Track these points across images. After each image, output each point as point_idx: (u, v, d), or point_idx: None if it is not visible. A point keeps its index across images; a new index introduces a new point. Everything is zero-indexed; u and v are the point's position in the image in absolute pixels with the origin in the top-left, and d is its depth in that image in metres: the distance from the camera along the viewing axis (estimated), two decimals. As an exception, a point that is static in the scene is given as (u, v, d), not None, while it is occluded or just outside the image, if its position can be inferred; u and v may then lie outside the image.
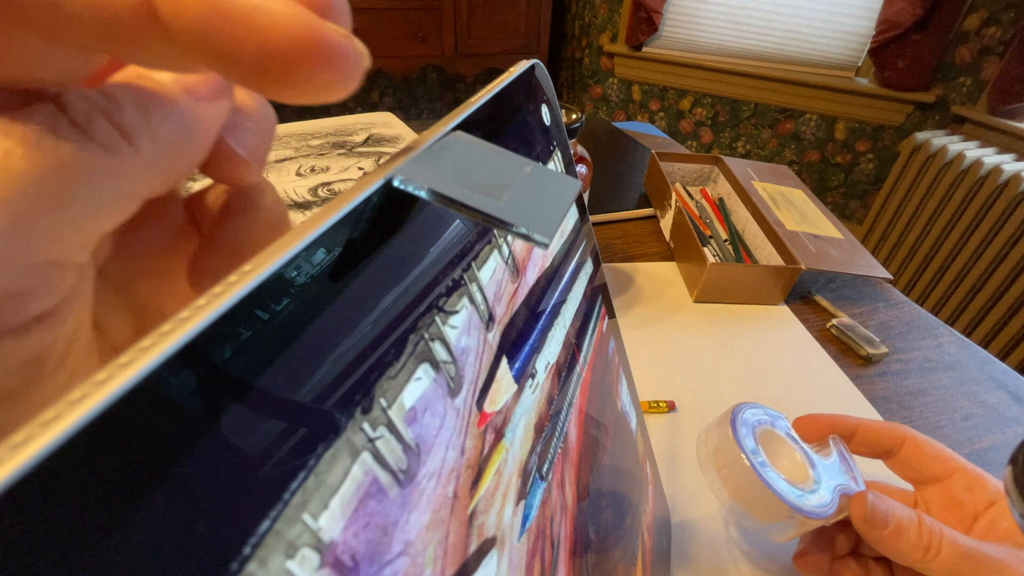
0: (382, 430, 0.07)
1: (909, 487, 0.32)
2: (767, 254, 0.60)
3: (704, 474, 0.29)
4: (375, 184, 0.08)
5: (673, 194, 0.65)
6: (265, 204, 0.13)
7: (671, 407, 0.44)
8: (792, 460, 0.30)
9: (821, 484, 0.28)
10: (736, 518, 0.36)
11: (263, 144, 0.13)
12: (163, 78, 0.10)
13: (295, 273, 0.06)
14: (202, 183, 0.13)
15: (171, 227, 0.13)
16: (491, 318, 0.11)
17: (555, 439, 0.14)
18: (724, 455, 0.28)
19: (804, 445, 0.31)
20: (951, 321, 1.61)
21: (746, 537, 0.36)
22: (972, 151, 1.56)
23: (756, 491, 0.27)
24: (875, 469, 0.34)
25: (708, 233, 0.67)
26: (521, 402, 0.12)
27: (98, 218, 0.09)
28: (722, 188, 0.74)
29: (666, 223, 0.67)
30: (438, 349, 0.09)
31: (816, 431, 0.33)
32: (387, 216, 0.08)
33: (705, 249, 0.57)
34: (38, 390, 0.09)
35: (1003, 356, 1.49)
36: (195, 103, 0.10)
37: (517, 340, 0.12)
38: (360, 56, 0.08)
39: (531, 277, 0.13)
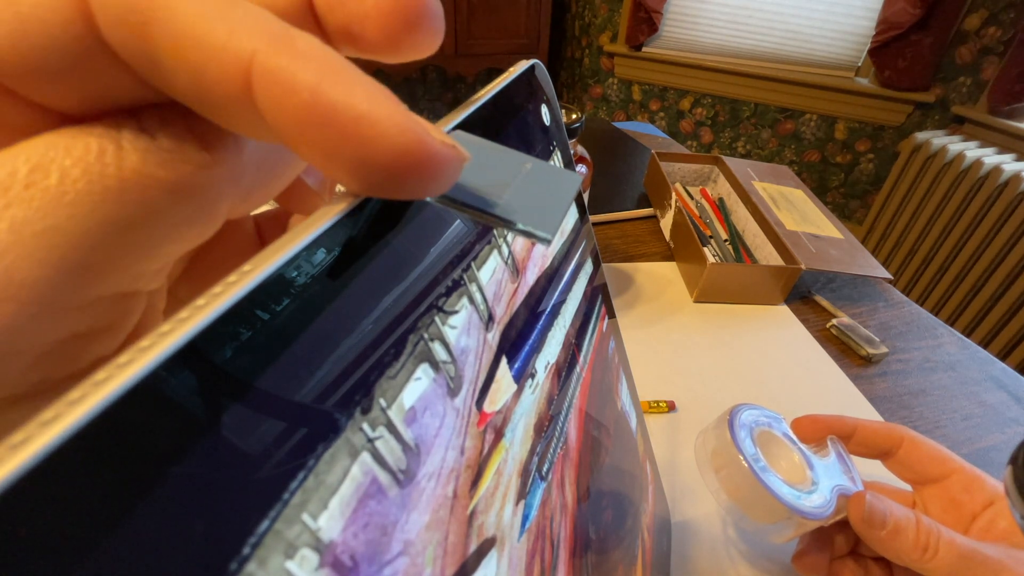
0: (382, 430, 0.07)
1: (907, 487, 0.32)
2: (767, 254, 0.60)
3: (702, 476, 0.29)
4: None
5: (673, 194, 0.65)
6: None
7: (671, 407, 0.44)
8: (790, 461, 0.30)
9: (819, 485, 0.28)
10: (735, 519, 0.36)
11: None
12: None
13: (295, 273, 0.06)
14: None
15: (241, 248, 0.12)
16: (491, 318, 0.11)
17: (555, 439, 0.14)
18: (722, 457, 0.28)
19: (802, 446, 0.31)
20: (951, 321, 1.61)
21: (745, 538, 0.36)
22: (972, 151, 1.56)
23: (754, 493, 0.27)
24: (873, 470, 0.34)
25: (708, 233, 0.67)
26: (521, 402, 0.12)
27: (173, 242, 0.07)
28: (722, 188, 0.74)
29: (666, 223, 0.67)
30: (438, 349, 0.09)
31: (814, 432, 0.33)
32: (387, 216, 0.08)
33: (705, 249, 0.57)
34: None
35: (1003, 356, 1.49)
36: None
37: (517, 340, 0.12)
38: (461, 161, 0.07)
39: (531, 277, 0.13)
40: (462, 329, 0.10)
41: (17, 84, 0.07)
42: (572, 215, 0.16)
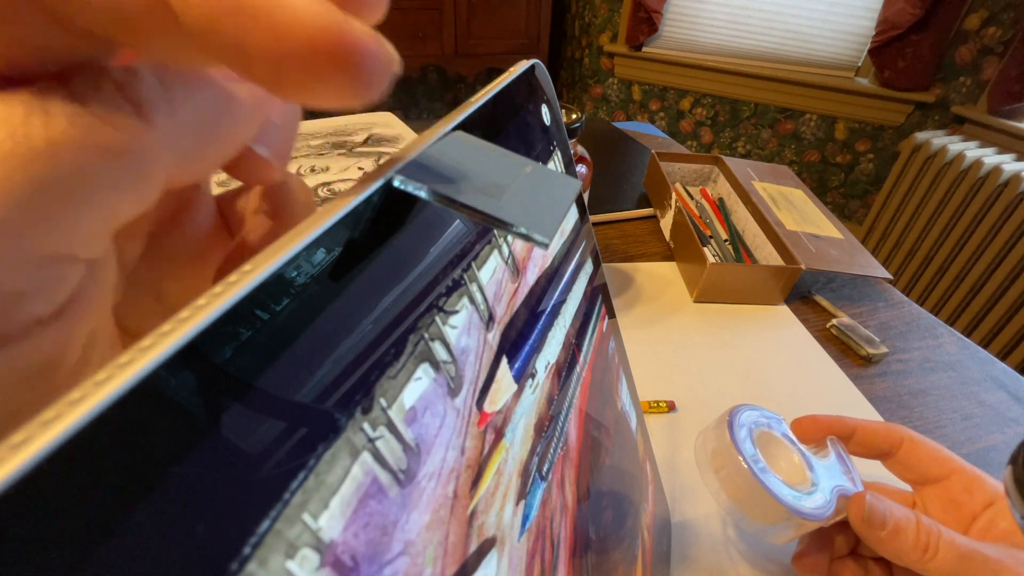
0: (382, 430, 0.07)
1: (907, 488, 0.32)
2: (767, 254, 0.60)
3: (702, 476, 0.29)
4: (375, 184, 0.08)
5: (673, 194, 0.65)
6: (297, 206, 0.12)
7: (671, 407, 0.44)
8: (790, 462, 0.30)
9: (819, 486, 0.28)
10: (735, 519, 0.36)
11: (287, 141, 0.12)
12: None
13: (295, 273, 0.06)
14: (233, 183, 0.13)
15: (203, 229, 0.12)
16: (491, 318, 0.11)
17: (555, 439, 0.14)
18: (722, 457, 0.28)
19: (802, 447, 0.31)
20: (951, 321, 1.61)
21: (745, 538, 0.36)
22: (972, 151, 1.56)
23: (754, 493, 0.27)
24: (873, 470, 0.34)
25: (708, 233, 0.67)
26: (521, 402, 0.12)
27: (108, 205, 0.07)
28: (722, 188, 0.74)
29: (666, 223, 0.67)
30: (438, 349, 0.09)
31: (814, 432, 0.33)
32: (387, 216, 0.08)
33: (705, 249, 0.57)
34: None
35: (1003, 356, 1.49)
36: (230, 85, 0.09)
37: (517, 340, 0.12)
38: (389, 61, 0.07)
39: (531, 277, 0.13)
40: (462, 329, 0.10)
41: None
42: (572, 215, 0.16)
